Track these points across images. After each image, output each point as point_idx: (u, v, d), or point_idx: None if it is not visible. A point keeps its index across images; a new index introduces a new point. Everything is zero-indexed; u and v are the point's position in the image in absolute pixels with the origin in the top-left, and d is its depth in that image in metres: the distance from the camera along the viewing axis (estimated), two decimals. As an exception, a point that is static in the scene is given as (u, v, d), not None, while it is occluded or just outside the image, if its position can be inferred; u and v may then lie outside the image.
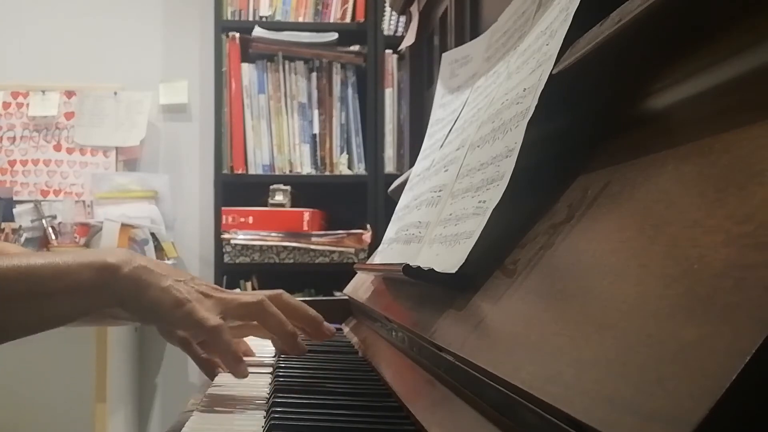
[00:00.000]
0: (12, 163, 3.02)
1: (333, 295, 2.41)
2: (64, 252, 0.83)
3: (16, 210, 2.88)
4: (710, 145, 0.43)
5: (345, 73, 2.91)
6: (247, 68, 2.88)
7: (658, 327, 0.36)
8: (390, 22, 2.89)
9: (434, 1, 1.52)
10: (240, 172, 2.86)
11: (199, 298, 0.85)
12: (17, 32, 3.07)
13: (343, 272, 1.79)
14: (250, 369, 0.97)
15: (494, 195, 0.67)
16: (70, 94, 3.04)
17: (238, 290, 1.12)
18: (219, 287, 0.90)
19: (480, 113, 0.87)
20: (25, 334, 0.82)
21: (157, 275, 0.82)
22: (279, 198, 2.81)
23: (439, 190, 0.89)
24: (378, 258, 1.24)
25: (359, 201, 2.87)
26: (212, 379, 0.94)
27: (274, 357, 1.07)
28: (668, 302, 0.36)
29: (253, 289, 2.83)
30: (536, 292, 0.54)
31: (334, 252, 2.77)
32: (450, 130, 1.02)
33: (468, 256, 0.66)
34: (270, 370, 0.99)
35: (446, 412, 0.62)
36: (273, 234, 2.76)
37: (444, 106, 1.15)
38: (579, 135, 0.64)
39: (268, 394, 0.84)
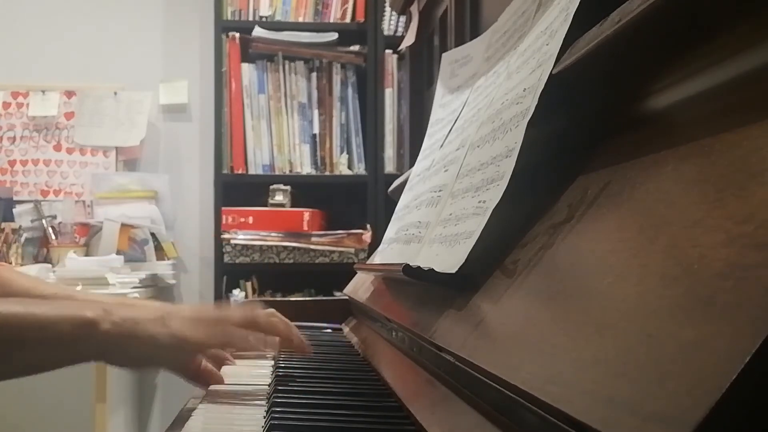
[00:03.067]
0: (12, 163, 3.02)
1: (333, 295, 2.41)
2: (45, 303, 0.83)
3: (16, 210, 2.88)
4: (710, 145, 0.43)
5: (345, 73, 2.91)
6: (247, 68, 2.88)
7: (658, 327, 0.36)
8: (390, 22, 2.89)
9: (434, 1, 1.52)
10: (240, 172, 2.86)
11: (189, 328, 0.85)
12: (17, 32, 3.07)
13: (343, 272, 1.79)
14: (249, 368, 0.97)
15: (494, 195, 0.67)
16: (70, 94, 3.04)
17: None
18: (202, 310, 0.91)
19: (480, 113, 0.87)
20: (5, 378, 0.82)
21: (139, 324, 0.82)
22: (279, 198, 2.81)
23: (439, 190, 0.89)
24: (378, 258, 1.24)
25: (359, 201, 2.87)
26: (206, 388, 0.94)
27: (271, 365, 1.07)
28: (668, 302, 0.36)
29: (253, 289, 2.82)
30: (536, 292, 0.54)
31: (334, 252, 2.77)
32: (450, 130, 1.02)
33: (468, 256, 0.66)
34: (270, 370, 0.99)
35: (446, 412, 0.62)
36: (273, 234, 2.76)
37: (444, 106, 1.15)
38: (579, 135, 0.64)
39: (268, 393, 0.84)
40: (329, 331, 1.41)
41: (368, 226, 2.80)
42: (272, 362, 1.04)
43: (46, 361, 0.83)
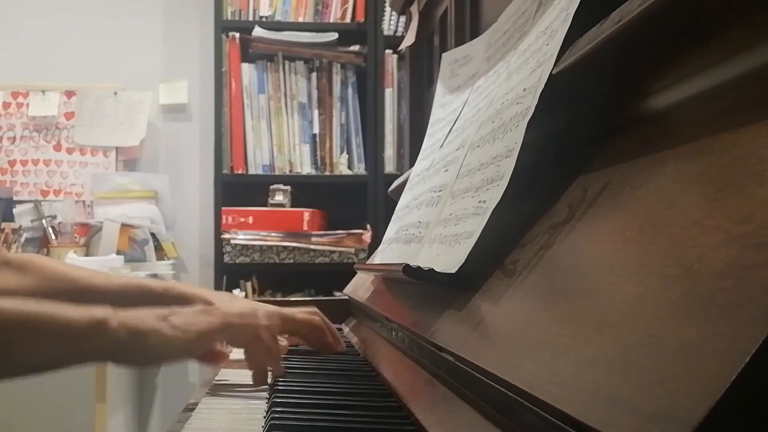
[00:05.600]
0: (12, 163, 3.01)
1: (333, 295, 2.41)
2: (58, 304, 0.84)
3: (16, 210, 2.88)
4: (710, 145, 0.43)
5: (345, 73, 2.91)
6: (247, 68, 2.88)
7: (658, 327, 0.36)
8: (390, 22, 2.89)
9: (434, 1, 1.52)
10: (240, 172, 2.86)
11: (192, 322, 0.87)
12: (17, 32, 3.07)
13: (343, 272, 1.79)
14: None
15: (494, 195, 0.67)
16: (70, 94, 3.04)
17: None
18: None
19: (480, 113, 0.87)
20: (16, 376, 0.83)
21: (143, 321, 0.84)
22: (279, 198, 2.81)
23: (439, 190, 0.89)
24: (378, 258, 1.24)
25: (359, 201, 2.87)
26: (214, 366, 0.96)
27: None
28: (668, 302, 0.36)
29: (254, 289, 2.82)
30: (536, 292, 0.54)
31: (334, 252, 2.77)
32: (450, 130, 1.02)
33: (468, 256, 0.66)
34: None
35: (446, 412, 0.62)
36: (273, 234, 2.76)
37: (444, 106, 1.15)
38: (579, 135, 0.64)
39: (268, 394, 0.84)
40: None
41: (368, 226, 2.80)
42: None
43: (58, 359, 0.83)
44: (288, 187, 2.81)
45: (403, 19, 2.65)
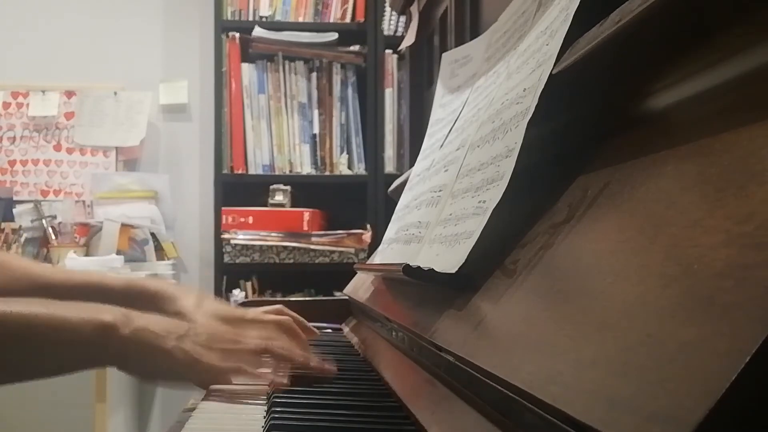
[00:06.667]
0: (12, 163, 3.02)
1: (333, 295, 2.41)
2: (65, 304, 0.81)
3: (16, 210, 2.88)
4: (710, 145, 0.43)
5: (345, 73, 2.91)
6: (247, 68, 2.88)
7: (658, 327, 0.36)
8: (390, 22, 2.89)
9: (434, 1, 1.52)
10: (240, 172, 2.86)
11: (203, 351, 0.85)
12: (17, 32, 3.07)
13: (343, 272, 1.79)
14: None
15: (494, 195, 0.67)
16: (70, 94, 3.04)
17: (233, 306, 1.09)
18: (219, 332, 0.89)
19: (480, 113, 0.87)
20: (20, 380, 0.82)
21: (158, 337, 0.82)
22: (279, 198, 2.81)
23: (439, 190, 0.89)
24: (378, 258, 1.24)
25: (359, 201, 2.87)
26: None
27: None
28: (668, 302, 0.36)
29: (254, 289, 2.82)
30: (536, 292, 0.54)
31: (334, 252, 2.77)
32: (450, 130, 1.02)
33: (468, 256, 0.66)
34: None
35: (446, 412, 0.62)
36: (273, 234, 2.76)
37: (444, 106, 1.15)
38: (579, 135, 0.64)
39: (268, 393, 0.84)
40: (329, 331, 1.41)
41: (368, 226, 2.80)
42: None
43: (64, 364, 0.82)
44: (288, 187, 2.82)
45: (403, 19, 2.65)
